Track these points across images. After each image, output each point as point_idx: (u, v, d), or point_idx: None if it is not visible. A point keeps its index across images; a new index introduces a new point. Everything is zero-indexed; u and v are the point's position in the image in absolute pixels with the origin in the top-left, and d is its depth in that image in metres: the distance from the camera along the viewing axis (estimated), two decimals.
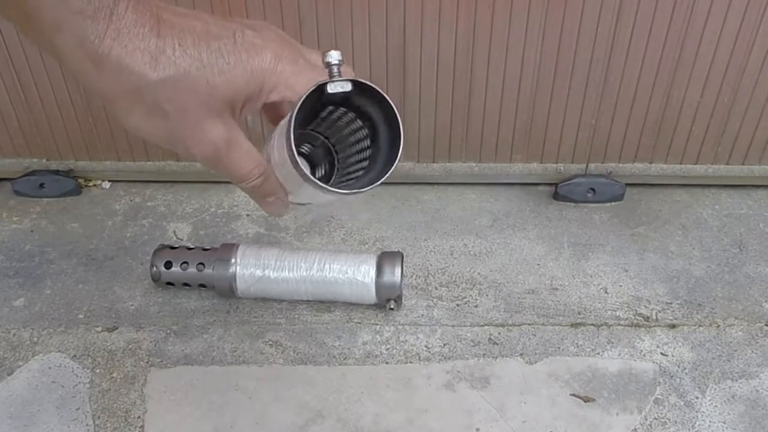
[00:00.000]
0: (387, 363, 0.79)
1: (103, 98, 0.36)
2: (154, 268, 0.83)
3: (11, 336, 0.82)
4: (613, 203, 1.00)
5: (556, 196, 1.00)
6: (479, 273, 0.90)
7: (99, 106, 0.94)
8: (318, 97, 0.37)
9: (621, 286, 0.88)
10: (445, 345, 0.80)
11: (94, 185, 1.04)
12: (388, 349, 0.80)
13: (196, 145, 0.37)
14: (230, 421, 0.73)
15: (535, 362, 0.79)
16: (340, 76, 0.37)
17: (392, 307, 0.82)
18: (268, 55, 0.37)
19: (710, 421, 0.73)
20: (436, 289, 0.88)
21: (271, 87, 0.38)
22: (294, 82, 0.39)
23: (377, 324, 0.83)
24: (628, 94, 0.91)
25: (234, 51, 0.36)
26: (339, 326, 0.83)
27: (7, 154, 1.00)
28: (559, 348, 0.80)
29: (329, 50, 0.37)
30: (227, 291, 0.83)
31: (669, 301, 0.86)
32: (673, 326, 0.83)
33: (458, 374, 0.77)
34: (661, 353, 0.79)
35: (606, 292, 0.87)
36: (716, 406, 0.74)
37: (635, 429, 0.72)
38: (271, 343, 0.81)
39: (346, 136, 0.43)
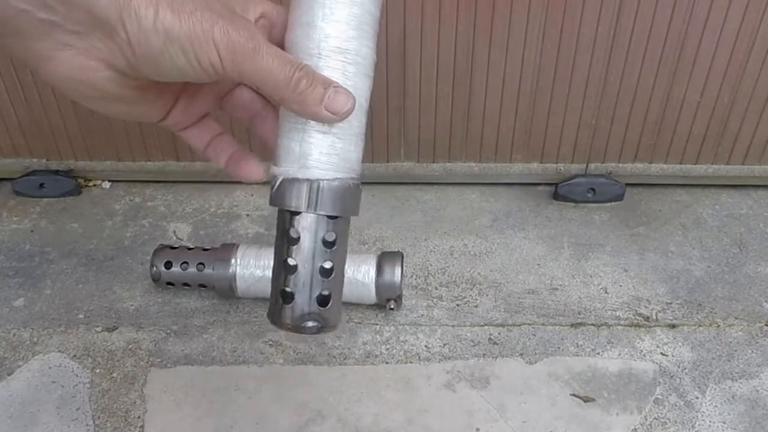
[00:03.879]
0: (387, 363, 0.79)
1: (123, 6, 0.32)
2: (154, 268, 0.83)
3: (11, 336, 0.82)
4: (613, 203, 1.00)
5: (556, 196, 1.00)
6: (479, 273, 0.90)
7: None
8: None
9: (621, 286, 0.88)
10: (445, 345, 0.80)
11: (94, 185, 1.04)
12: (388, 349, 0.80)
13: (236, 27, 0.34)
14: (230, 421, 0.73)
15: (535, 362, 0.79)
16: None
17: (392, 307, 0.82)
18: None
19: (710, 421, 0.73)
20: (436, 289, 0.88)
21: (250, 1, 0.38)
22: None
23: (377, 324, 0.83)
24: (628, 94, 0.91)
25: None
26: (339, 326, 0.82)
27: (7, 154, 1.00)
28: (559, 348, 0.80)
29: None
30: (227, 291, 0.83)
31: (669, 301, 0.86)
32: (673, 326, 0.83)
33: (458, 374, 0.77)
34: (661, 353, 0.79)
35: (606, 292, 0.87)
36: (716, 406, 0.74)
37: (635, 429, 0.72)
38: (271, 343, 0.81)
39: None
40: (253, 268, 0.81)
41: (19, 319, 0.84)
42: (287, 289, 0.41)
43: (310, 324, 0.41)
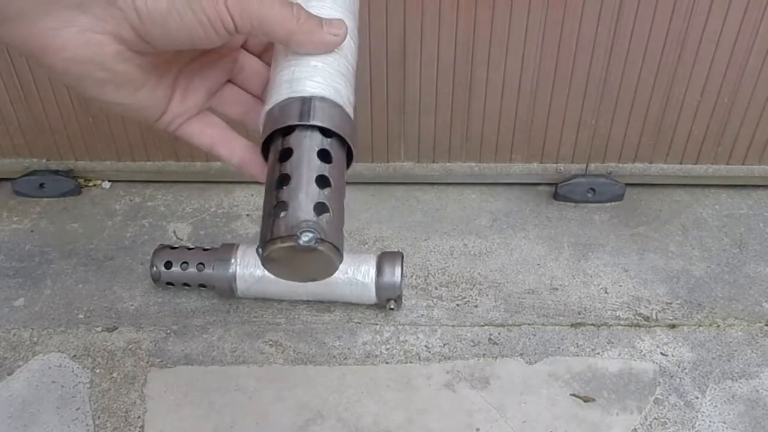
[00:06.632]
0: (387, 363, 0.79)
1: None
2: (154, 268, 0.83)
3: (11, 336, 0.82)
4: (613, 203, 1.00)
5: (556, 196, 1.00)
6: (479, 273, 0.90)
7: (99, 106, 0.94)
8: None
9: (621, 286, 0.88)
10: (445, 345, 0.80)
11: (94, 185, 1.04)
12: (388, 349, 0.80)
13: None
14: (230, 421, 0.73)
15: (535, 362, 0.79)
16: None
17: (392, 307, 0.82)
18: None
19: (710, 421, 0.73)
20: (436, 289, 0.88)
21: None
22: None
23: (377, 324, 0.83)
24: (628, 94, 0.91)
25: None
26: (339, 326, 0.83)
27: (7, 154, 1.00)
28: (559, 348, 0.80)
29: None
30: (227, 291, 0.83)
31: (669, 301, 0.86)
32: (673, 326, 0.83)
33: (458, 374, 0.77)
34: (661, 353, 0.80)
35: (606, 292, 0.87)
36: (716, 406, 0.74)
37: (635, 429, 0.72)
38: (271, 343, 0.81)
39: None
40: (253, 268, 0.81)
41: (19, 319, 0.84)
42: (281, 200, 0.37)
43: (307, 234, 0.35)
